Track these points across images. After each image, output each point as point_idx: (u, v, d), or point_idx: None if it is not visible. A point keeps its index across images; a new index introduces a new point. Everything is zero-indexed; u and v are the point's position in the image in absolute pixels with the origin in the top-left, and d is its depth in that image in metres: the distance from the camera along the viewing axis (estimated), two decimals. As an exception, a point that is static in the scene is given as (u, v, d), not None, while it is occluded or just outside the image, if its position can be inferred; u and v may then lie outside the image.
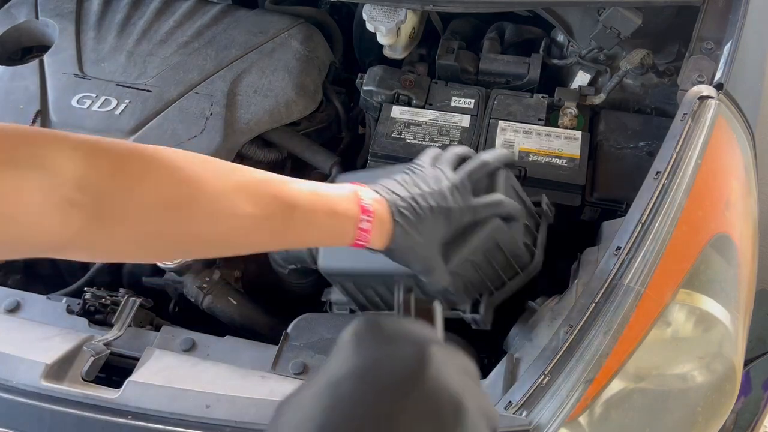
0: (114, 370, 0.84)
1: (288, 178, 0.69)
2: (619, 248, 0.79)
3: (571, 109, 1.12)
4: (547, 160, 1.04)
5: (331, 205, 0.69)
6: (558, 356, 0.74)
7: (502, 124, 1.09)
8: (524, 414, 0.71)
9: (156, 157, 0.60)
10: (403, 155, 1.07)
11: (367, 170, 1.00)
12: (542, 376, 0.73)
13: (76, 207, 0.55)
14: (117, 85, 1.12)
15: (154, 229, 0.60)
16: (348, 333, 0.46)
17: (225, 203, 0.62)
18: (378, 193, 0.73)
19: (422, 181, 0.75)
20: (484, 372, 0.80)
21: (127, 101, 1.10)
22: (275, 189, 0.66)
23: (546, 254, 0.90)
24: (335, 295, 0.99)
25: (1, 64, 1.19)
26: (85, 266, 1.10)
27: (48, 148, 0.55)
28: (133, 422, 0.76)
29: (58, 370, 0.81)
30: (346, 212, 0.69)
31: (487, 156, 0.81)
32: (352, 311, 0.97)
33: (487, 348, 0.93)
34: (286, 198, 0.67)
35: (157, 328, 0.90)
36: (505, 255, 0.84)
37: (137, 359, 0.83)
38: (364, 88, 1.16)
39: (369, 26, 1.19)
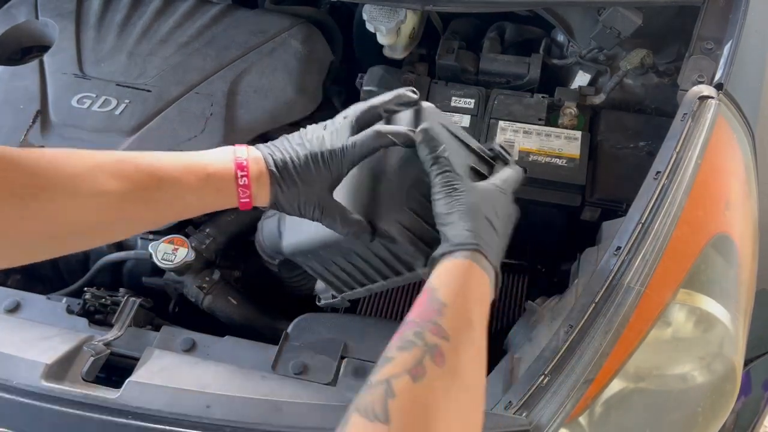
0: (114, 370, 0.84)
1: (161, 153, 0.68)
2: (619, 248, 0.79)
3: (571, 109, 1.12)
4: (547, 160, 1.04)
5: (204, 168, 0.68)
6: (558, 356, 0.73)
7: (502, 124, 1.09)
8: (524, 414, 0.71)
9: (4, 153, 0.58)
10: (403, 155, 1.07)
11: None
12: (542, 376, 0.73)
13: None
14: (117, 85, 1.12)
15: (11, 223, 0.57)
16: None
17: (86, 183, 0.61)
18: (258, 149, 0.71)
19: (307, 133, 0.74)
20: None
21: (127, 101, 1.09)
22: (139, 162, 0.65)
23: (546, 254, 0.90)
24: (318, 284, 0.97)
25: (1, 64, 1.19)
26: (85, 266, 1.10)
27: None
28: (133, 422, 0.76)
29: (58, 370, 0.80)
30: (221, 172, 0.68)
31: (376, 100, 0.76)
32: (336, 310, 0.94)
33: (487, 348, 0.93)
34: (152, 169, 0.65)
35: (157, 328, 0.90)
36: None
37: (137, 359, 0.83)
38: (364, 88, 1.16)
39: (369, 26, 1.19)
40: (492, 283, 0.66)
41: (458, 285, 0.63)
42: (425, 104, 0.79)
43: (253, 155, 0.71)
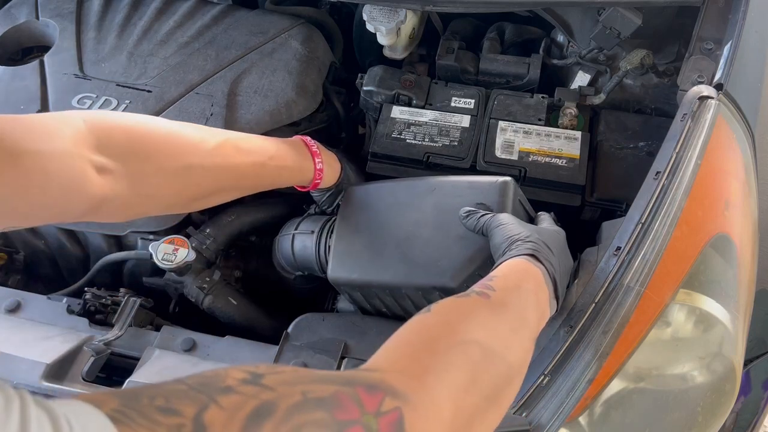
0: (114, 370, 0.84)
1: (250, 134, 0.91)
2: (619, 248, 0.79)
3: (571, 110, 1.12)
4: (547, 160, 1.04)
5: (293, 153, 0.91)
6: (558, 356, 0.73)
7: (502, 124, 1.09)
8: (524, 414, 0.71)
9: (156, 130, 0.76)
10: (403, 155, 1.07)
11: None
12: (542, 376, 0.73)
13: (104, 172, 0.68)
14: (117, 85, 1.12)
15: (173, 185, 0.77)
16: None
17: (219, 158, 0.81)
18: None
19: None
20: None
21: (127, 101, 1.10)
22: (255, 138, 0.89)
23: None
24: (342, 303, 1.00)
25: (2, 65, 1.19)
26: (85, 266, 1.10)
27: (60, 127, 0.66)
28: (133, 422, 0.76)
29: (59, 370, 0.81)
30: (305, 157, 0.93)
31: None
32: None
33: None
34: (264, 144, 0.89)
35: (158, 328, 0.90)
36: None
37: (137, 359, 0.83)
38: (364, 88, 1.16)
39: (369, 26, 1.19)
40: (548, 278, 0.72)
41: (509, 268, 0.71)
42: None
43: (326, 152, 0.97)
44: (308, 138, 0.96)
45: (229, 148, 0.82)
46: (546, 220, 0.88)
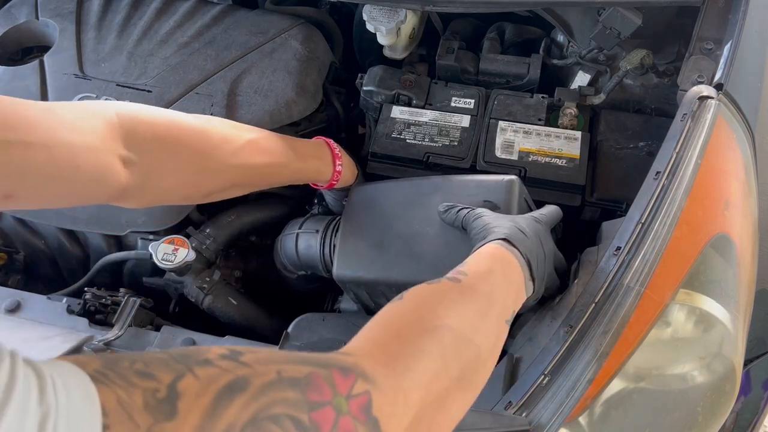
0: (114, 370, 0.84)
1: (274, 134, 0.92)
2: (619, 248, 0.79)
3: (571, 109, 1.12)
4: (547, 160, 1.04)
5: (314, 153, 0.96)
6: (558, 356, 0.73)
7: (502, 124, 1.09)
8: (524, 414, 0.71)
9: (182, 128, 0.79)
10: (403, 155, 1.07)
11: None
12: (542, 376, 0.73)
13: (129, 164, 0.72)
14: (117, 85, 1.13)
15: (192, 181, 0.81)
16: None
17: (240, 159, 0.84)
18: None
19: None
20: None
21: (127, 102, 1.09)
22: (278, 139, 0.91)
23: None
24: (345, 303, 1.00)
25: (2, 65, 1.19)
26: (85, 266, 1.10)
27: (93, 121, 0.69)
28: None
29: (59, 370, 0.80)
30: (326, 155, 0.97)
31: None
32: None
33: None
34: (286, 145, 0.91)
35: (158, 328, 0.90)
36: None
37: (137, 359, 0.83)
38: (364, 88, 1.16)
39: (369, 26, 1.19)
40: (522, 261, 0.74)
41: (480, 255, 0.74)
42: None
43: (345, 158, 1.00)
44: (331, 141, 1.00)
45: (250, 150, 0.85)
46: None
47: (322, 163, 0.97)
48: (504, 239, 0.75)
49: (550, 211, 0.87)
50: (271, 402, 0.38)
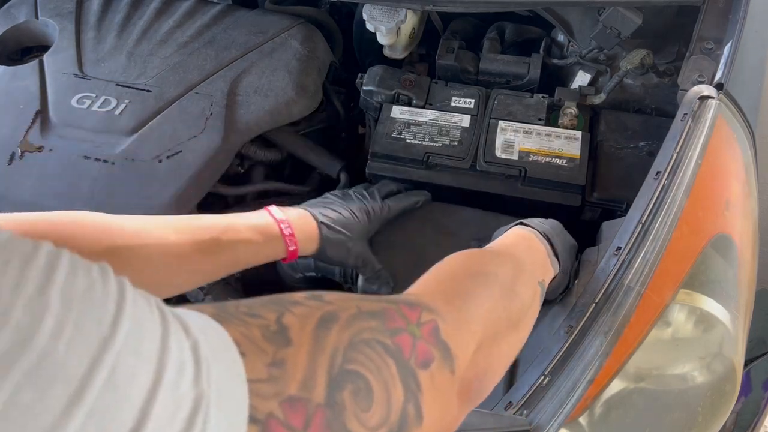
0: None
1: (207, 215, 0.81)
2: (619, 248, 0.79)
3: (571, 109, 1.11)
4: (547, 160, 1.04)
5: (251, 223, 0.82)
6: (558, 356, 0.73)
7: (502, 124, 1.09)
8: (524, 414, 0.71)
9: (87, 221, 0.71)
10: (403, 155, 1.07)
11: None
12: (542, 377, 0.73)
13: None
14: (117, 85, 1.12)
15: (145, 279, 0.68)
16: None
17: (152, 238, 0.72)
18: (302, 208, 0.90)
19: (341, 196, 0.97)
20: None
21: (126, 101, 1.09)
22: (199, 220, 0.78)
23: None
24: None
25: (1, 64, 1.19)
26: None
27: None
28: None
29: (58, 370, 0.80)
30: (266, 226, 0.83)
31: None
32: None
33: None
34: (213, 224, 0.78)
35: (157, 328, 0.89)
36: None
37: (137, 359, 0.83)
38: (364, 88, 1.16)
39: (369, 26, 1.19)
40: (542, 238, 0.81)
41: (500, 239, 0.81)
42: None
43: (298, 212, 0.88)
44: (272, 206, 0.86)
45: (172, 235, 0.75)
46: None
47: (262, 227, 0.83)
48: (519, 223, 0.84)
49: (551, 222, 0.91)
50: (360, 329, 0.43)
